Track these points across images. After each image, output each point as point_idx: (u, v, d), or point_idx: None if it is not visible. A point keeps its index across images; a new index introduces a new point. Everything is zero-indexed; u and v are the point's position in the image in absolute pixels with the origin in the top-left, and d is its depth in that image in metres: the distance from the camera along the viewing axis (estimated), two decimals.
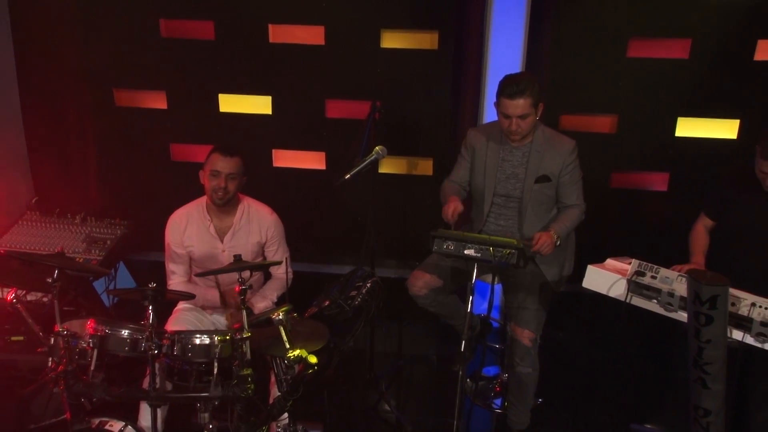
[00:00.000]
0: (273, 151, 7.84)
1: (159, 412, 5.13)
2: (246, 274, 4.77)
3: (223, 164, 5.46)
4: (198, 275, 5.43)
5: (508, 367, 5.88)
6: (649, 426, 5.76)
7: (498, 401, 6.19)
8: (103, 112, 8.04)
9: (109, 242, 6.87)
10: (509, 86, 5.31)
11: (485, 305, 6.49)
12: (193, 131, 8.02)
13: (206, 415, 4.82)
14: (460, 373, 5.50)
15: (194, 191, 5.90)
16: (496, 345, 6.23)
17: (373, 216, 6.17)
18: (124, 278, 7.71)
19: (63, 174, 8.00)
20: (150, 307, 4.66)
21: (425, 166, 7.78)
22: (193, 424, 5.13)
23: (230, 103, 7.90)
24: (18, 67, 7.83)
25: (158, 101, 8.01)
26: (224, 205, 5.61)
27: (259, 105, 7.86)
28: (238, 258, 5.03)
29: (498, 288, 6.07)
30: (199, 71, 7.79)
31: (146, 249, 7.65)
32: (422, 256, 6.10)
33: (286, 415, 4.77)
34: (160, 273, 5.10)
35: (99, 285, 7.28)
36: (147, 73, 7.91)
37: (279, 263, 5.41)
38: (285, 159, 7.89)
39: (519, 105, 5.27)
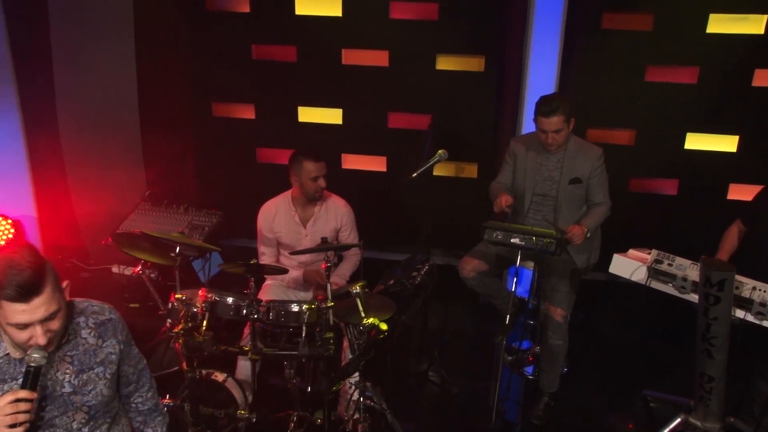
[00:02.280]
0: (342, 155, 7.95)
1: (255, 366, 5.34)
2: (330, 253, 4.88)
3: (320, 168, 5.56)
4: (292, 253, 5.51)
5: (541, 340, 5.92)
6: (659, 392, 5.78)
7: (529, 369, 6.22)
8: (202, 122, 8.23)
9: (206, 228, 7.06)
10: (544, 106, 5.40)
11: (520, 288, 6.56)
12: (276, 138, 8.15)
13: (291, 371, 5.01)
14: (503, 342, 5.63)
15: (274, 187, 6.04)
16: (531, 321, 6.23)
17: (428, 211, 6.26)
18: (216, 260, 7.78)
19: (170, 171, 8.14)
20: (252, 279, 4.85)
21: (471, 170, 7.83)
22: (278, 380, 5.46)
23: (307, 114, 8.02)
24: (139, 86, 7.99)
25: (248, 112, 8.17)
26: (318, 199, 5.72)
27: (332, 116, 7.97)
28: (324, 240, 5.19)
29: (529, 273, 6.14)
30: (282, 87, 7.92)
31: (234, 235, 7.82)
32: (466, 246, 6.18)
33: (357, 373, 4.86)
34: (247, 255, 5.19)
35: (195, 264, 7.48)
36: (239, 89, 8.08)
37: (358, 245, 5.41)
38: (352, 162, 7.99)
39: (553, 122, 5.35)
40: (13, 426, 2.51)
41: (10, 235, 7.91)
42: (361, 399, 4.97)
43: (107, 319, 2.97)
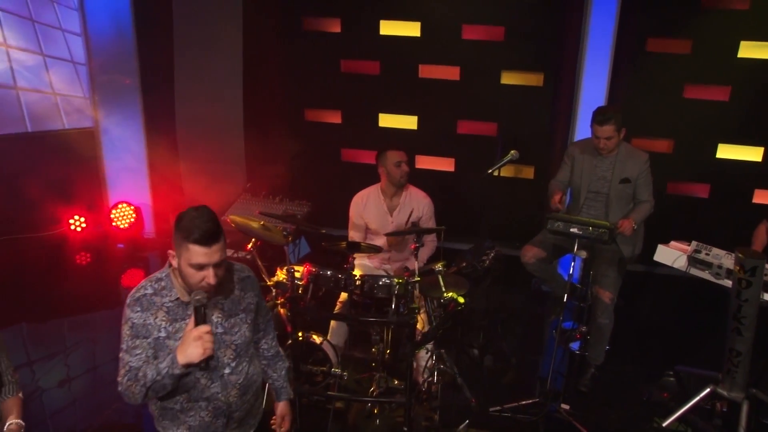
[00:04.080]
0: (416, 156, 8.12)
1: (345, 331, 5.62)
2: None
3: (401, 155, 5.73)
4: (387, 234, 5.65)
5: (589, 320, 5.99)
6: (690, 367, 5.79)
7: (575, 345, 6.25)
8: (296, 125, 8.51)
9: (299, 216, 7.22)
10: (599, 116, 5.49)
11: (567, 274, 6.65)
12: (358, 140, 8.41)
13: (377, 337, 5.24)
14: (561, 319, 5.75)
15: (356, 183, 6.19)
16: (581, 304, 6.28)
17: (490, 207, 6.57)
18: (303, 244, 7.97)
19: (267, 167, 8.31)
20: (352, 256, 5.12)
21: (528, 172, 7.99)
22: (363, 346, 5.63)
23: (387, 120, 8.26)
24: (244, 94, 8.36)
25: (335, 118, 8.44)
26: (403, 186, 5.85)
27: (408, 122, 8.19)
28: (415, 224, 5.43)
29: (578, 261, 6.22)
30: (366, 97, 8.18)
31: (320, 223, 8.00)
32: (522, 238, 6.30)
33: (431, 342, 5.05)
34: (331, 240, 5.35)
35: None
36: (328, 97, 8.35)
37: (442, 229, 5.52)
38: (424, 162, 8.18)
39: (606, 130, 5.44)
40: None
41: (132, 219, 8.33)
42: (436, 363, 5.14)
43: (246, 276, 3.23)
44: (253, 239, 5.61)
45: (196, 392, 3.05)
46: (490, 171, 5.67)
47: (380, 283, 5.02)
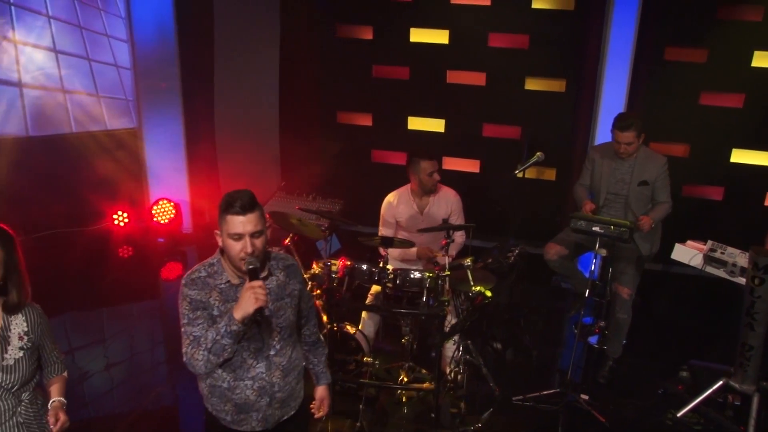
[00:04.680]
0: (443, 157, 8.09)
1: (375, 322, 5.75)
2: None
3: (433, 165, 5.73)
4: (420, 231, 5.65)
5: (608, 315, 6.05)
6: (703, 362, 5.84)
7: (593, 339, 6.32)
8: (328, 127, 8.66)
9: (334, 212, 7.36)
10: (621, 122, 5.54)
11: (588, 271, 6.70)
12: (388, 142, 8.53)
13: (407, 329, 5.32)
14: (581, 313, 5.81)
15: (386, 183, 6.28)
16: (600, 299, 6.26)
17: (514, 206, 6.66)
18: (334, 241, 8.03)
19: (301, 166, 8.47)
20: (385, 251, 5.23)
21: (550, 174, 8.07)
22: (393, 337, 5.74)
23: (415, 123, 8.37)
24: (280, 97, 8.53)
25: (366, 120, 8.58)
26: (433, 191, 5.87)
27: (436, 125, 8.30)
28: (445, 221, 5.49)
29: (598, 258, 6.25)
30: (395, 100, 8.30)
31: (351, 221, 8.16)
32: (543, 236, 6.36)
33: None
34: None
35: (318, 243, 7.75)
36: (360, 100, 8.49)
37: (472, 226, 5.50)
38: (451, 164, 8.24)
39: (627, 136, 5.50)
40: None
41: (172, 215, 8.48)
42: (462, 354, 5.24)
43: (291, 264, 3.33)
44: (291, 234, 5.72)
45: (243, 371, 3.16)
46: (517, 171, 5.76)
47: (412, 276, 5.09)
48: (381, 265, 5.17)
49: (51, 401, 3.23)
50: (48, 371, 3.29)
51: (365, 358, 5.25)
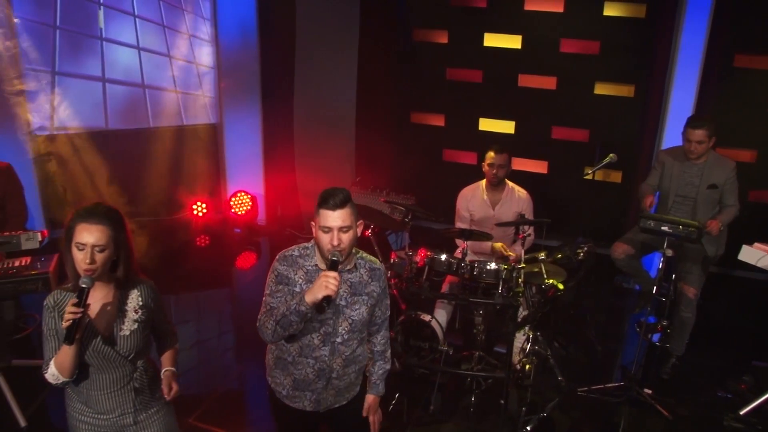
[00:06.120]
0: (512, 158, 8.16)
1: (448, 311, 5.95)
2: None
3: (493, 158, 5.98)
4: (498, 224, 5.90)
5: (671, 314, 6.17)
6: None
7: (656, 337, 6.43)
8: (402, 127, 8.89)
9: (403, 209, 7.58)
10: (694, 121, 5.67)
11: (653, 271, 6.78)
12: (459, 141, 8.70)
13: (479, 318, 5.55)
14: (648, 309, 5.96)
15: (456, 181, 6.51)
16: (662, 299, 6.43)
17: (580, 207, 6.88)
18: (403, 235, 8.32)
19: (375, 163, 8.76)
20: (464, 243, 5.44)
21: (616, 176, 8.13)
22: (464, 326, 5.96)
23: (486, 124, 8.53)
24: (357, 96, 8.78)
25: (438, 121, 8.76)
26: (497, 185, 6.10)
27: (506, 127, 8.44)
28: (522, 215, 5.74)
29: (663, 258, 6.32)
30: (468, 102, 8.47)
31: (422, 217, 8.35)
32: (609, 236, 6.55)
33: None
34: (430, 234, 5.54)
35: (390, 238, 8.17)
36: (433, 102, 8.69)
37: (547, 221, 5.63)
38: (520, 164, 8.30)
39: (698, 134, 5.59)
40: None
41: (248, 207, 8.84)
42: (531, 345, 5.44)
43: (377, 268, 3.56)
44: (372, 226, 5.99)
45: (308, 350, 3.43)
46: (591, 171, 5.93)
47: (488, 268, 5.28)
48: (460, 256, 5.38)
49: (163, 370, 3.51)
50: (161, 343, 3.58)
51: (440, 346, 5.47)
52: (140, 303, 3.30)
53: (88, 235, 3.00)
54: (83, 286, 2.96)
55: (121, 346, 3.20)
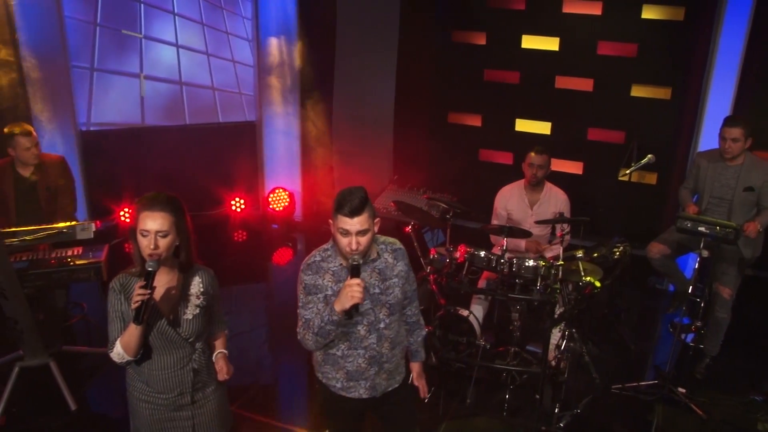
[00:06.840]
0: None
1: (484, 307, 6.02)
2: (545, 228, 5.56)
3: (534, 158, 6.11)
4: (538, 222, 5.97)
5: (705, 315, 6.16)
6: None
7: (689, 337, 6.43)
8: (439, 127, 8.96)
9: (441, 206, 7.55)
10: (730, 120, 5.68)
11: (688, 272, 6.83)
12: (496, 142, 8.77)
13: (516, 315, 5.61)
14: (683, 308, 6.00)
15: (492, 181, 6.60)
16: (697, 299, 6.37)
17: (615, 208, 6.91)
18: (438, 234, 8.44)
19: (412, 162, 8.85)
20: (504, 240, 5.52)
21: (651, 178, 8.16)
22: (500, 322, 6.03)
23: (523, 125, 8.59)
24: (396, 96, 8.92)
25: (475, 121, 8.84)
26: (536, 185, 6.21)
27: (542, 128, 8.50)
28: (561, 214, 5.79)
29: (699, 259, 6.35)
30: (505, 103, 8.55)
31: (459, 215, 8.39)
32: (642, 238, 6.62)
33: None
34: (465, 232, 5.62)
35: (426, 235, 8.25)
36: (470, 102, 8.77)
37: (586, 220, 5.68)
38: (556, 165, 7.98)
39: (733, 131, 5.58)
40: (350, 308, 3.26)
41: (286, 203, 8.98)
42: (567, 341, 5.51)
43: (398, 248, 3.66)
44: (413, 222, 6.09)
45: (356, 342, 3.53)
46: (629, 171, 5.99)
47: (527, 264, 5.35)
48: (499, 252, 5.47)
49: (216, 353, 3.68)
50: (214, 327, 3.72)
51: (477, 341, 5.56)
52: (201, 289, 3.47)
53: (152, 222, 3.17)
54: (149, 269, 3.14)
55: (184, 329, 3.37)
